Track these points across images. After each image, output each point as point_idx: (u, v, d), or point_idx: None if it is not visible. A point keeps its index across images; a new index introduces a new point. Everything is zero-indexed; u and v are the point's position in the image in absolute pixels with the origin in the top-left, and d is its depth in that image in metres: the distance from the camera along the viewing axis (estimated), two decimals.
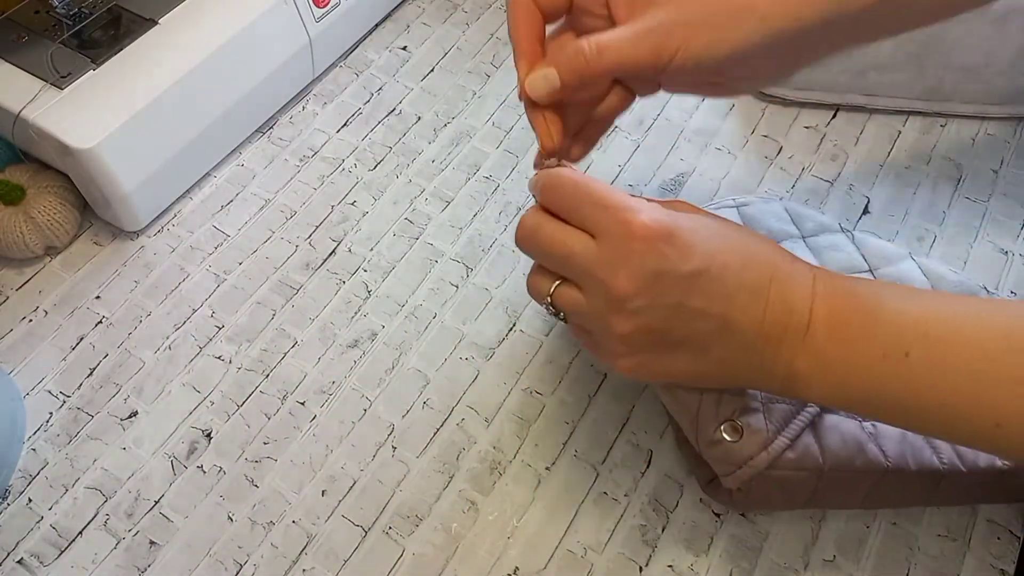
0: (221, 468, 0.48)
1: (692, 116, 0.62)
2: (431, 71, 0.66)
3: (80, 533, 0.46)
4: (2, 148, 0.56)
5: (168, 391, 0.50)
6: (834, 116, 0.62)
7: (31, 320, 0.53)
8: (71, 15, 0.55)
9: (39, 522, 0.46)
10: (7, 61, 0.53)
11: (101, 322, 0.53)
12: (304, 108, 0.64)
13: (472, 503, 0.46)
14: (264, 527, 0.46)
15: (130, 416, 0.50)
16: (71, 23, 0.55)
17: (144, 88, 0.52)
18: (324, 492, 0.47)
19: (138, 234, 0.57)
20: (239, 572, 0.44)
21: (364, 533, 0.46)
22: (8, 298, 0.54)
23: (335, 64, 0.66)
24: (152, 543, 0.45)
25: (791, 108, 0.63)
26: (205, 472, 0.48)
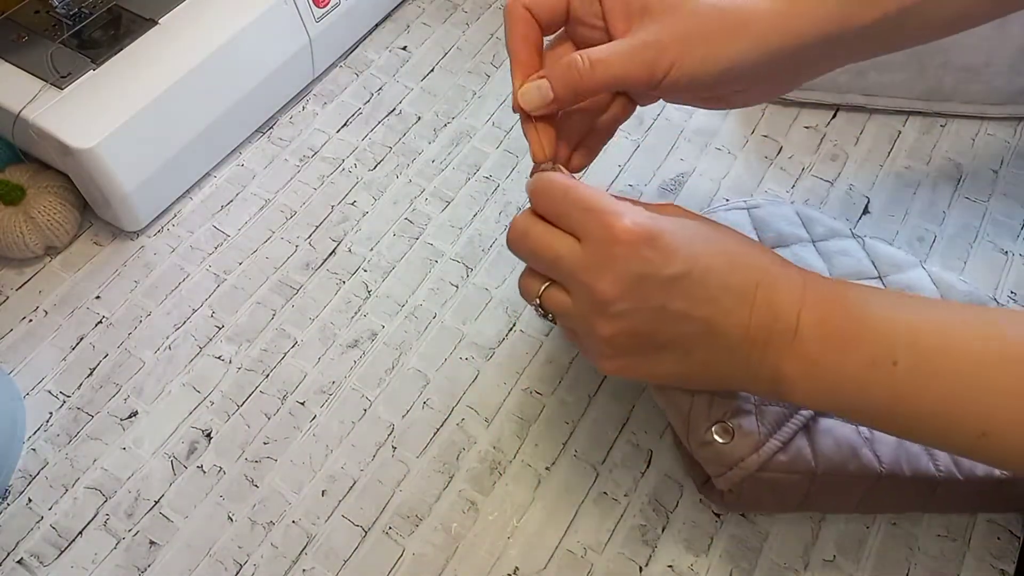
0: (221, 468, 0.48)
1: (692, 116, 0.62)
2: (431, 71, 0.66)
3: (80, 533, 0.46)
4: (2, 148, 0.56)
5: (168, 391, 0.50)
6: (834, 116, 0.62)
7: (31, 320, 0.53)
8: (71, 15, 0.55)
9: (39, 522, 0.46)
10: (7, 61, 0.53)
11: (101, 322, 0.53)
12: (304, 108, 0.64)
13: (472, 503, 0.46)
14: (264, 527, 0.46)
15: (130, 416, 0.50)
16: (71, 23, 0.55)
17: (144, 88, 0.52)
18: (324, 492, 0.47)
19: (138, 234, 0.57)
20: (239, 572, 0.44)
21: (364, 533, 0.46)
22: (8, 298, 0.54)
23: (335, 64, 0.66)
24: (152, 543, 0.45)
25: (791, 108, 0.63)
26: (205, 472, 0.48)
